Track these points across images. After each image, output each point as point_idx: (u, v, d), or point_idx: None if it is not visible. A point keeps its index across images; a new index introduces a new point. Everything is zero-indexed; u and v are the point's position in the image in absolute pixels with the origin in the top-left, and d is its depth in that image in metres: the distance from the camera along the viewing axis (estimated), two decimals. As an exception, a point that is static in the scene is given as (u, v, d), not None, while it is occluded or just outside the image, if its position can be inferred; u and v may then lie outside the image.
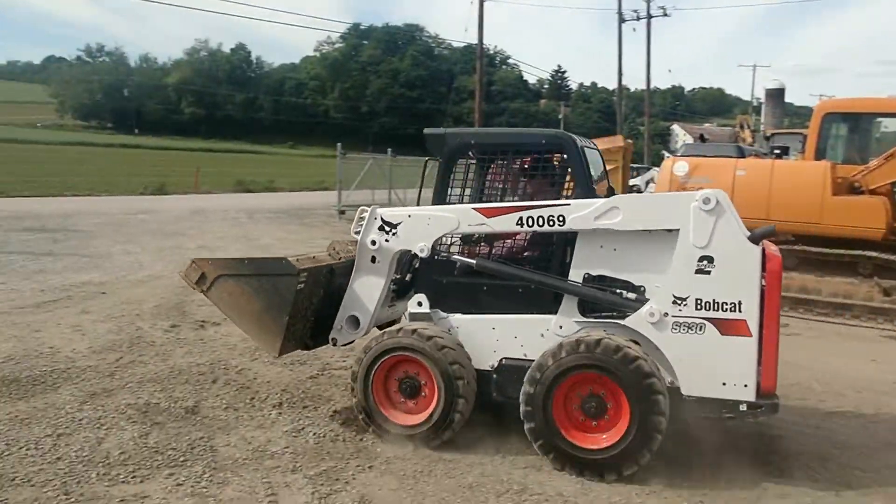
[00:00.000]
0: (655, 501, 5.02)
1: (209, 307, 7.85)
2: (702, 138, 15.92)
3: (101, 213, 22.67)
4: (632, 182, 32.60)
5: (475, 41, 36.78)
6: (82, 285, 11.45)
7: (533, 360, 5.46)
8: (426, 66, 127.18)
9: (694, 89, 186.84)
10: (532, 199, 5.79)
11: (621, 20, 43.90)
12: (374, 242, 6.00)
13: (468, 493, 4.98)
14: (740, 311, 5.10)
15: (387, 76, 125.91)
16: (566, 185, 6.01)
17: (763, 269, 5.13)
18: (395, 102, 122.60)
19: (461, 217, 5.75)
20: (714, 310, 5.14)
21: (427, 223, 5.86)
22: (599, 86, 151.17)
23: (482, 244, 6.17)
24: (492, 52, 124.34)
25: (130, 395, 6.57)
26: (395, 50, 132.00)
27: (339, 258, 6.53)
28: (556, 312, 5.64)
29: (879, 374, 8.54)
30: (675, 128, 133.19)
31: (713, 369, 5.17)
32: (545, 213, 5.50)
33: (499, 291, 5.84)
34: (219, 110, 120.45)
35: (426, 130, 6.32)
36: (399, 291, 6.48)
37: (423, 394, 5.81)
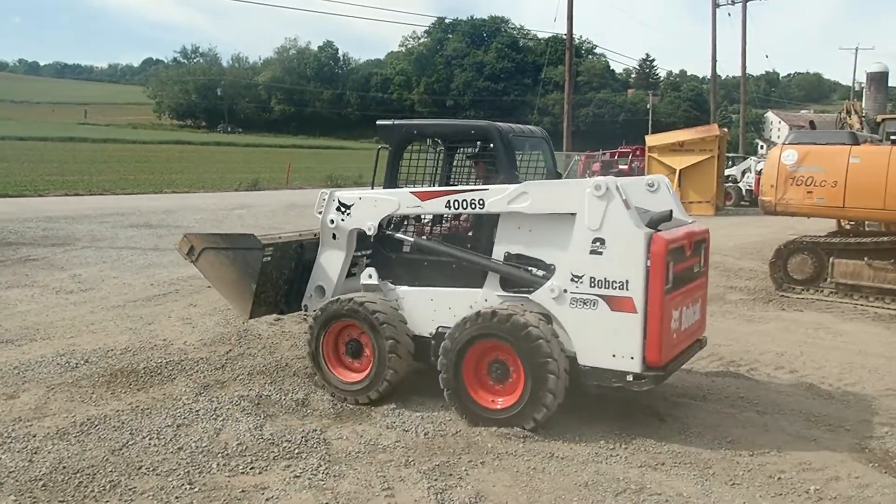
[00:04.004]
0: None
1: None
2: (811, 125, 15.17)
3: (200, 209, 23.41)
4: (728, 172, 31.65)
5: (562, 31, 36.33)
6: (188, 279, 11.81)
7: None
8: (511, 59, 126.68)
9: (790, 75, 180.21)
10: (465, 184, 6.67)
11: (716, 4, 42.54)
12: (332, 221, 6.71)
13: (585, 492, 4.87)
14: (627, 288, 5.47)
15: (472, 69, 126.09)
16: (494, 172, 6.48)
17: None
18: (481, 95, 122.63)
19: (401, 200, 6.44)
20: (605, 287, 5.57)
21: (374, 205, 6.56)
22: (689, 73, 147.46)
23: (430, 224, 6.81)
24: (577, 41, 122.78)
25: (242, 388, 6.71)
26: (480, 43, 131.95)
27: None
28: (482, 287, 6.20)
29: None
30: (770, 115, 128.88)
31: (604, 341, 5.61)
32: (468, 197, 6.12)
33: (436, 267, 6.45)
34: (307, 107, 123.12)
35: (378, 122, 6.97)
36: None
37: (365, 354, 6.48)
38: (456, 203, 6.17)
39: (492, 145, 6.45)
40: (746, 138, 60.33)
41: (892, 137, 12.07)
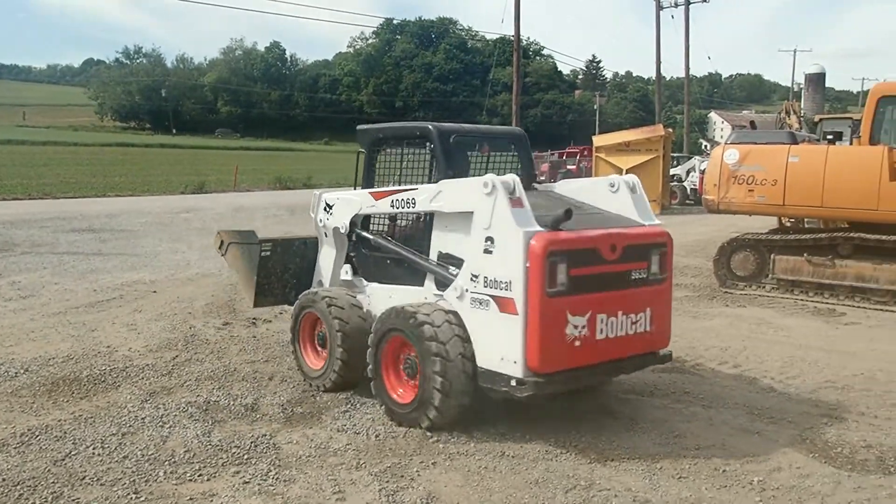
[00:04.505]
0: (726, 497, 4.90)
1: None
2: (752, 125, 15.54)
3: (145, 213, 22.98)
4: (673, 171, 32.21)
5: (510, 32, 36.52)
6: (133, 284, 11.58)
7: None
8: (460, 60, 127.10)
9: (732, 76, 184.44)
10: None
11: (660, 7, 43.25)
12: (321, 221, 7.16)
13: (535, 489, 4.90)
14: (510, 290, 5.31)
15: (420, 70, 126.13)
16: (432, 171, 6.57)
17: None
18: (430, 96, 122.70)
19: (362, 200, 6.73)
20: (495, 288, 5.43)
21: (345, 205, 6.89)
22: (635, 75, 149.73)
23: (394, 223, 6.88)
24: (525, 43, 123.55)
25: (190, 394, 6.60)
26: (429, 44, 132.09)
27: None
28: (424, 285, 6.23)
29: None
30: (713, 116, 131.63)
31: (494, 344, 5.47)
32: (405, 196, 6.26)
33: (395, 264, 6.58)
34: (254, 108, 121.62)
35: (358, 127, 7.30)
36: None
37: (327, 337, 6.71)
38: (397, 202, 6.36)
39: (431, 145, 6.50)
40: (691, 138, 61.52)
41: (829, 137, 12.43)
